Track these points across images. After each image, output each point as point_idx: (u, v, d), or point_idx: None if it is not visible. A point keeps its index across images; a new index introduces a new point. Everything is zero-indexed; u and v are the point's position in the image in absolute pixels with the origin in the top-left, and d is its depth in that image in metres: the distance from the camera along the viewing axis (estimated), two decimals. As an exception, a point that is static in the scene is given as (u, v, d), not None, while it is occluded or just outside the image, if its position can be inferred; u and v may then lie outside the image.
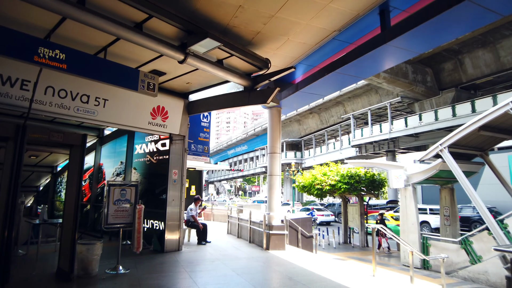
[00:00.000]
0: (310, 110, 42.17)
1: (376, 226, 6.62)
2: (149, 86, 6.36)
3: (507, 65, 22.86)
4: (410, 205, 10.48)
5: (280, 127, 8.89)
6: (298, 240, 10.24)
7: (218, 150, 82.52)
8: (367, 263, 10.98)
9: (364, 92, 34.50)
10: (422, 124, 26.35)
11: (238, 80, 6.67)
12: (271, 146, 8.71)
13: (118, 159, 11.05)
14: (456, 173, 9.13)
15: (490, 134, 9.32)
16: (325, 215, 26.84)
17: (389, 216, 20.64)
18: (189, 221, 9.03)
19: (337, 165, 15.61)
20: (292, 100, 8.09)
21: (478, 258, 8.59)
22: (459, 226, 11.49)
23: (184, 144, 8.20)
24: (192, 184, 17.02)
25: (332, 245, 15.09)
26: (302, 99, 8.03)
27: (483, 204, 8.55)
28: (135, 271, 6.01)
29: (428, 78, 27.21)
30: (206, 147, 9.01)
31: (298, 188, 16.44)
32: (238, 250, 8.17)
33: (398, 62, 6.40)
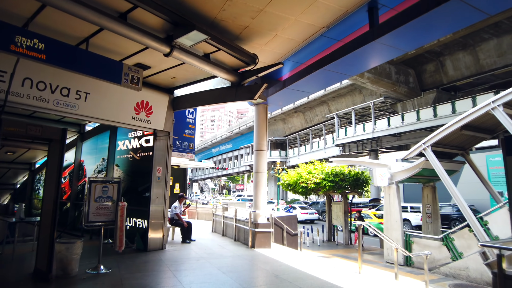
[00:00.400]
0: (295, 109, 42.37)
1: (362, 224, 6.64)
2: (133, 79, 6.17)
3: (486, 67, 23.54)
4: (393, 203, 10.62)
5: (266, 124, 8.83)
6: (283, 238, 10.21)
7: (202, 149, 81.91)
8: (352, 260, 11.07)
9: (348, 92, 34.91)
10: (404, 124, 26.86)
11: (225, 75, 6.56)
12: (257, 143, 8.63)
13: (100, 155, 10.74)
14: (438, 172, 9.30)
15: (471, 133, 9.53)
16: (309, 213, 27.02)
17: (372, 214, 20.98)
18: (173, 219, 8.86)
19: (322, 164, 15.69)
20: (279, 97, 8.04)
21: (459, 254, 8.78)
22: (440, 224, 11.73)
23: (169, 140, 8.02)
24: (176, 182, 16.77)
25: (316, 243, 15.16)
26: (289, 96, 7.99)
27: (464, 202, 8.75)
28: (117, 271, 5.82)
29: (410, 79, 27.75)
30: (191, 144, 8.84)
31: (283, 186, 16.43)
32: (223, 249, 8.06)
33: (385, 60, 6.44)
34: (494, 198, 10.21)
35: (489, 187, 10.43)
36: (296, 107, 41.92)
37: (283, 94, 7.72)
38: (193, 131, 8.99)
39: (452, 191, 8.97)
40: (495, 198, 10.19)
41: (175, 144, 8.70)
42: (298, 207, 28.16)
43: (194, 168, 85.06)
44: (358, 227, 6.25)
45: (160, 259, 6.79)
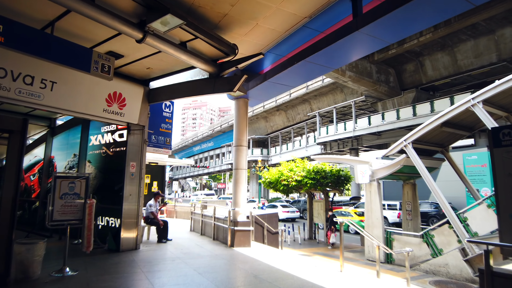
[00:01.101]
0: (277, 107, 42.29)
1: (344, 221, 6.47)
2: (103, 68, 5.75)
3: (463, 68, 24.07)
4: (375, 200, 10.57)
5: (247, 119, 8.55)
6: (264, 236, 9.97)
7: (183, 147, 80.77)
8: (333, 258, 10.97)
9: (330, 90, 35.08)
10: (384, 123, 27.16)
11: (203, 66, 6.22)
12: (237, 139, 8.33)
13: (71, 151, 10.16)
14: (419, 168, 9.28)
15: (451, 130, 9.57)
16: (291, 212, 26.97)
17: (353, 211, 21.07)
18: (148, 217, 8.44)
19: (304, 161, 15.56)
20: (260, 91, 7.77)
21: (439, 251, 8.78)
22: (420, 221, 11.80)
23: (144, 134, 7.60)
24: (154, 180, 16.26)
25: (297, 241, 15.03)
26: (270, 90, 7.73)
27: (444, 198, 8.76)
28: (85, 273, 5.40)
29: (391, 79, 28.10)
30: (168, 139, 8.44)
31: (264, 184, 16.21)
32: (201, 248, 7.73)
33: (368, 52, 6.27)
34: (473, 195, 10.33)
35: (468, 184, 10.54)
36: (278, 105, 41.85)
37: (264, 87, 7.45)
38: (170, 126, 8.58)
39: (433, 188, 8.97)
40: (473, 195, 10.31)
41: (151, 139, 8.28)
42: (280, 205, 28.07)
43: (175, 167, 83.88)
44: (340, 224, 6.07)
45: (132, 260, 6.40)
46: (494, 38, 21.90)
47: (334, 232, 13.24)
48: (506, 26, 21.04)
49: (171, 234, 9.81)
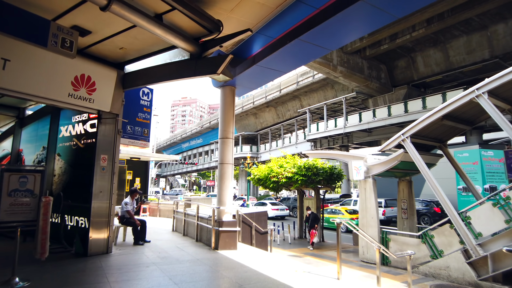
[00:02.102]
0: (267, 103, 41.61)
1: (342, 221, 5.77)
2: (64, 43, 4.91)
3: (455, 64, 23.76)
4: (370, 198, 9.93)
5: (233, 109, 7.77)
6: (252, 236, 9.23)
7: (171, 143, 79.50)
8: (326, 260, 10.31)
9: (321, 87, 34.54)
10: (375, 120, 26.72)
11: (182, 44, 5.42)
12: (223, 130, 7.55)
13: (40, 143, 9.22)
14: (418, 164, 8.67)
15: (452, 124, 8.99)
16: (280, 210, 26.36)
17: (344, 209, 20.55)
18: (124, 217, 7.60)
19: (294, 157, 14.87)
20: (248, 77, 7.00)
21: (439, 252, 8.19)
22: (416, 220, 11.23)
23: (117, 124, 6.75)
24: (137, 176, 15.38)
25: (287, 241, 14.35)
26: (259, 76, 6.96)
27: (445, 196, 8.16)
28: (38, 284, 4.56)
29: (382, 75, 27.68)
30: (145, 130, 7.60)
31: (253, 181, 15.46)
32: (181, 251, 6.93)
33: (372, 28, 5.58)
34: (473, 193, 9.78)
35: (468, 181, 9.98)
36: (268, 102, 41.16)
37: (253, 73, 6.69)
38: (148, 115, 7.74)
39: (433, 185, 8.36)
40: (474, 194, 9.77)
41: (126, 130, 7.43)
42: (269, 203, 27.46)
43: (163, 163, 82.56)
44: (337, 225, 5.38)
45: (100, 266, 5.57)
46: (487, 34, 21.60)
47: (315, 231, 12.59)
48: (499, 22, 20.74)
49: (151, 235, 8.99)
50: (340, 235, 5.44)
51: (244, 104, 46.70)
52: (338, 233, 5.41)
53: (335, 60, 24.98)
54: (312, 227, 12.57)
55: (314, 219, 12.65)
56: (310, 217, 12.68)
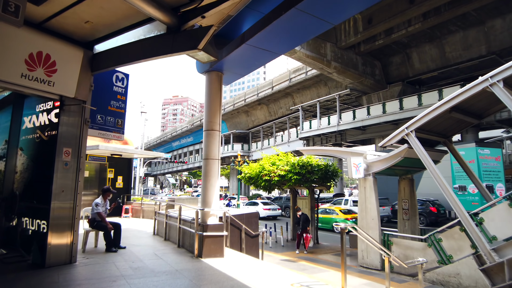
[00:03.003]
0: (259, 101, 40.75)
1: (347, 226, 4.92)
2: (7, 7, 3.97)
3: (451, 60, 23.21)
4: (370, 198, 9.15)
5: (221, 98, 6.86)
6: (241, 240, 8.35)
7: (162, 142, 78.14)
8: (321, 265, 9.49)
9: (314, 84, 33.81)
10: (370, 117, 26.08)
11: (158, 14, 4.51)
12: (209, 122, 6.64)
13: (2, 137, 8.18)
14: (424, 161, 7.90)
15: (460, 116, 8.24)
16: (272, 209, 25.58)
17: (338, 209, 19.82)
18: (94, 220, 6.63)
19: (287, 155, 14.04)
20: (237, 60, 6.10)
21: (448, 258, 7.43)
22: (418, 221, 10.50)
23: (84, 113, 5.80)
24: (119, 175, 14.35)
25: (280, 243, 13.53)
26: (249, 58, 6.07)
27: (455, 195, 7.40)
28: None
29: (376, 71, 27.03)
30: (120, 121, 6.62)
31: (244, 180, 14.59)
32: (158, 260, 6.00)
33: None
34: (481, 192, 9.05)
35: (474, 177, 9.25)
36: (259, 99, 40.30)
37: (242, 54, 5.80)
38: (123, 104, 6.76)
39: (441, 184, 7.61)
40: (482, 192, 9.03)
41: (95, 119, 6.45)
42: (260, 202, 26.65)
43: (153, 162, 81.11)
44: (342, 230, 4.55)
45: (56, 281, 4.62)
46: (484, 29, 21.08)
47: (309, 234, 11.72)
48: (497, 17, 20.22)
49: (129, 239, 8.05)
50: (344, 241, 4.60)
51: (235, 101, 45.78)
52: (343, 240, 4.56)
53: (329, 56, 24.23)
54: (304, 229, 11.70)
55: (305, 221, 11.79)
56: (301, 218, 11.82)
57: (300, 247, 11.74)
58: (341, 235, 4.52)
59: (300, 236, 11.75)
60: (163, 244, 7.52)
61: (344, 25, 24.28)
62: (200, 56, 5.63)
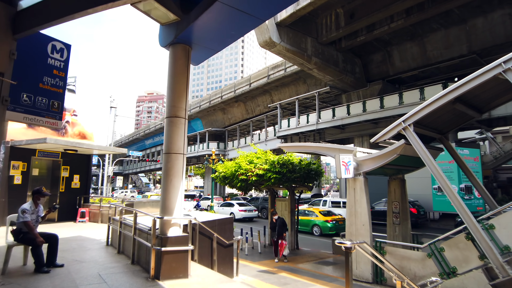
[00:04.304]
0: (236, 98, 39.41)
1: (354, 245, 3.69)
2: None
3: (432, 59, 22.87)
4: (360, 201, 8.08)
5: (188, 78, 5.51)
6: (212, 251, 7.04)
7: (134, 140, 75.20)
8: (304, 277, 8.33)
9: (292, 81, 32.91)
10: (350, 116, 25.42)
11: None
12: (172, 106, 5.28)
13: None
14: (425, 159, 6.91)
15: (463, 109, 7.31)
16: (248, 211, 24.42)
17: (317, 211, 18.86)
18: (21, 231, 5.10)
19: (266, 152, 12.84)
20: (208, 26, 4.79)
21: (452, 270, 6.45)
22: (410, 226, 9.56)
23: (1, 88, 4.30)
24: (75, 173, 12.62)
25: (257, 249, 12.30)
26: (224, 24, 4.77)
27: (460, 198, 6.43)
28: None
29: (357, 69, 26.39)
30: (56, 103, 5.11)
31: (218, 180, 13.26)
32: (101, 285, 4.58)
33: None
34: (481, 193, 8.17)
35: (474, 179, 8.38)
36: (237, 96, 38.98)
37: (215, 17, 4.50)
38: (61, 82, 5.24)
39: (444, 184, 6.62)
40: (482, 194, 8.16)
41: (19, 99, 4.90)
42: (236, 203, 25.39)
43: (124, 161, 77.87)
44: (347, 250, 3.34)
45: None
46: (466, 28, 20.78)
47: (285, 241, 10.53)
48: (479, 15, 19.95)
49: (73, 252, 6.55)
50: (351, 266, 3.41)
51: (211, 98, 44.21)
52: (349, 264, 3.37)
53: (309, 51, 23.28)
54: (280, 235, 10.49)
55: (282, 226, 10.58)
56: (277, 223, 10.62)
57: (278, 254, 10.55)
58: (346, 257, 3.32)
59: (276, 242, 10.55)
60: (114, 259, 6.07)
61: (326, 19, 23.41)
62: (156, 12, 4.28)
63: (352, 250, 3.46)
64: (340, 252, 11.37)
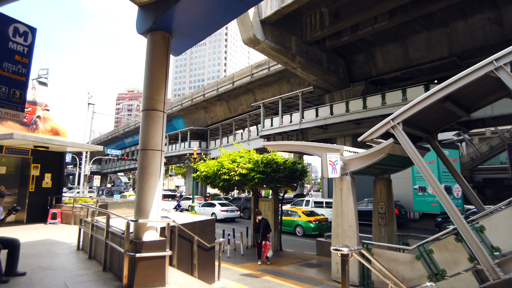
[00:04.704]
0: (218, 96, 38.87)
1: (352, 253, 3.36)
2: None
3: (414, 61, 23.12)
4: (347, 201, 7.83)
5: (167, 68, 5.06)
6: (193, 255, 6.60)
7: (113, 138, 73.29)
8: (289, 281, 8.01)
9: (276, 80, 32.70)
10: (333, 116, 25.42)
11: None
12: (149, 98, 4.82)
13: None
14: (414, 159, 6.72)
15: (453, 107, 7.17)
16: (230, 211, 23.97)
17: (299, 211, 18.68)
18: (-26, 236, 4.54)
19: (249, 151, 12.47)
20: (190, 10, 4.37)
21: (441, 272, 6.27)
22: (396, 227, 9.41)
23: None
24: (47, 172, 11.88)
25: (239, 251, 11.91)
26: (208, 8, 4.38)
27: (450, 199, 6.27)
28: None
29: (340, 69, 26.42)
30: (18, 92, 4.54)
31: (199, 179, 12.78)
32: (66, 296, 4.11)
33: None
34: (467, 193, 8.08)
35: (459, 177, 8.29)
36: (219, 95, 38.43)
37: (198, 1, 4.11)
38: (24, 69, 4.66)
39: (434, 184, 6.44)
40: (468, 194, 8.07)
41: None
42: (218, 203, 24.89)
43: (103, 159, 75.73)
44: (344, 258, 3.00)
45: None
46: (447, 31, 21.09)
47: (269, 242, 10.20)
48: (460, 19, 20.27)
49: (39, 258, 5.98)
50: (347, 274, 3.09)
51: (193, 96, 43.47)
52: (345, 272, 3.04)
53: (294, 49, 23.07)
54: (264, 236, 10.14)
55: (266, 227, 10.24)
56: (261, 223, 10.26)
57: (261, 256, 10.20)
58: (343, 265, 2.99)
59: (260, 244, 10.19)
60: (84, 266, 5.54)
61: (310, 18, 23.27)
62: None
63: (349, 257, 3.14)
64: (324, 253, 11.14)
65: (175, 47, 5.39)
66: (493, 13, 19.03)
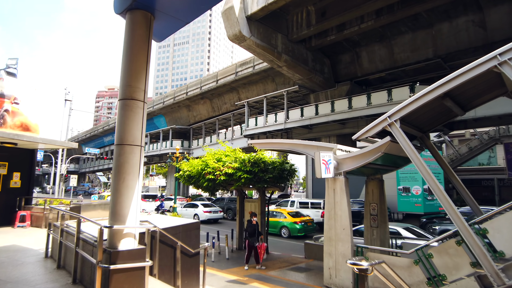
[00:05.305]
0: (202, 95, 38.08)
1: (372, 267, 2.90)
2: None
3: (399, 62, 23.16)
4: (341, 203, 7.42)
5: (149, 53, 4.48)
6: (176, 262, 6.02)
7: (92, 136, 71.03)
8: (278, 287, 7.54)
9: (261, 79, 32.26)
10: (318, 115, 25.20)
11: None
12: (127, 86, 4.23)
13: None
14: (413, 158, 6.37)
15: (451, 105, 6.87)
16: (213, 212, 23.37)
17: (285, 212, 18.30)
18: None
19: (235, 150, 11.94)
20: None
21: (441, 278, 5.94)
22: (388, 229, 9.09)
23: None
24: (15, 171, 10.96)
25: (224, 254, 11.36)
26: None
27: (450, 200, 5.95)
28: None
29: (325, 69, 26.23)
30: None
31: (182, 179, 12.15)
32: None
33: None
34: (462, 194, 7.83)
35: (457, 181, 8.03)
36: (203, 93, 37.66)
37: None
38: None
39: (433, 184, 6.11)
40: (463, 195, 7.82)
41: None
42: (200, 204, 24.20)
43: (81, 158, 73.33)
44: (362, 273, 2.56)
45: None
46: (432, 32, 21.18)
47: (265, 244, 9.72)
48: (445, 20, 20.38)
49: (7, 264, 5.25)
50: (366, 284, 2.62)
51: (176, 94, 42.47)
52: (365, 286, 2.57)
53: (279, 47, 22.67)
54: (258, 239, 9.66)
55: (258, 230, 9.77)
56: (256, 226, 9.77)
57: (249, 261, 9.69)
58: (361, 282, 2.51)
59: (251, 248, 9.64)
60: (51, 278, 4.86)
61: (297, 16, 22.94)
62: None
63: (369, 273, 2.68)
64: (313, 256, 10.74)
65: (158, 30, 4.80)
66: (477, 16, 19.21)
